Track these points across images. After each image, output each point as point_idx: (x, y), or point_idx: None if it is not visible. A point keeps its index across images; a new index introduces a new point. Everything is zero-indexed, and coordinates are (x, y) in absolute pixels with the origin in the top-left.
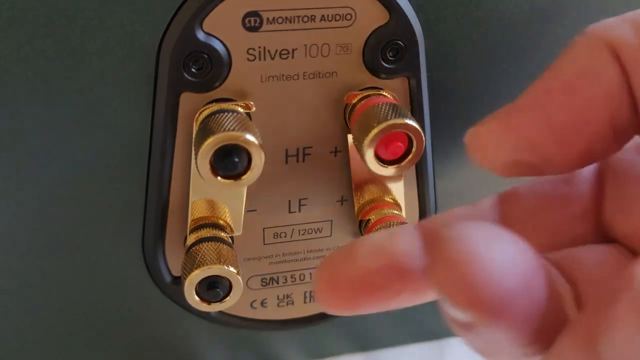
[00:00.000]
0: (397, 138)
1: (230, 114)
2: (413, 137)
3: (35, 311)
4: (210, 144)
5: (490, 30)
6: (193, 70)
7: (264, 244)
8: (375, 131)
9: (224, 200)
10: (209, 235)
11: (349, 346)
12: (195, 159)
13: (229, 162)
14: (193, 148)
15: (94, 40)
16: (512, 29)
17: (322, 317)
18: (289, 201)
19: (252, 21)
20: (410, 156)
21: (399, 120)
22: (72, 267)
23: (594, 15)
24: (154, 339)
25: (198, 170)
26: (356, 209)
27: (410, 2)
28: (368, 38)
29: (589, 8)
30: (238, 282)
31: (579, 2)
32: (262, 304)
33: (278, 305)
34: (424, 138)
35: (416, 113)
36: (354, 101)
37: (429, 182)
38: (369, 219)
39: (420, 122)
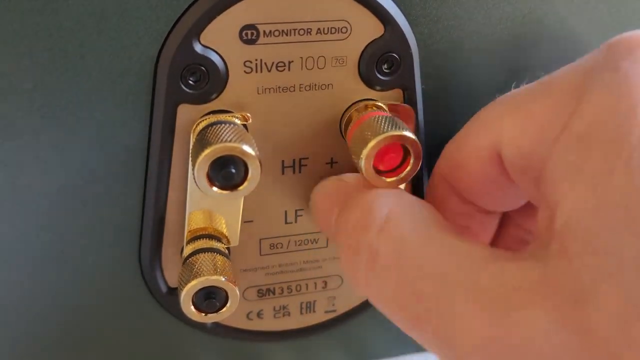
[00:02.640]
0: (392, 149)
1: (227, 125)
2: (411, 149)
3: (29, 321)
4: (208, 155)
5: (483, 44)
6: (190, 82)
7: (261, 255)
8: (372, 143)
9: (220, 211)
10: (205, 246)
11: (346, 357)
12: (193, 170)
13: (226, 173)
14: (190, 159)
15: (92, 53)
16: (504, 42)
17: (318, 328)
18: (285, 212)
19: (249, 34)
20: (408, 168)
21: (396, 132)
22: (67, 277)
23: (586, 27)
24: (149, 350)
25: (195, 181)
26: None
27: (404, 15)
28: (363, 51)
29: (580, 20)
30: (234, 293)
31: (572, 15)
32: (259, 315)
33: (274, 316)
34: (421, 150)
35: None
36: (349, 113)
37: (423, 192)
38: None
39: (415, 133)
